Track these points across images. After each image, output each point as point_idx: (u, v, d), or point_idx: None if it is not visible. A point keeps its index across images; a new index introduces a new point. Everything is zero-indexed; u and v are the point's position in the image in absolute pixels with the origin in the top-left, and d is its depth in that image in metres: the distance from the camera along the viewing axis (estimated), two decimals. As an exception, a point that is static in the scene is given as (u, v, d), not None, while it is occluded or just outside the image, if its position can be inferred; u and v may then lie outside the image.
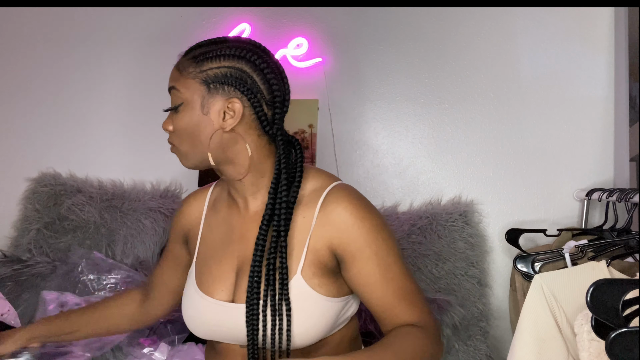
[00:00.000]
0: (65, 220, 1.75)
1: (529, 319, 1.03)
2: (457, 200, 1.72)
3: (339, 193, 0.95)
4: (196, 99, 0.91)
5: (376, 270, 0.91)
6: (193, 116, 0.92)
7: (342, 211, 0.92)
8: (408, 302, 0.92)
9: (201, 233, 1.05)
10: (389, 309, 0.92)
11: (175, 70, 0.95)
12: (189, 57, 0.93)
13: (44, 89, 1.94)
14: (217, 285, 0.96)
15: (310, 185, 0.97)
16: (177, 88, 0.93)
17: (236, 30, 1.82)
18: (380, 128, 1.81)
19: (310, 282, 0.91)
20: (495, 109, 1.75)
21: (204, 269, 1.00)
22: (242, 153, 0.94)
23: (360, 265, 0.91)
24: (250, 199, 0.98)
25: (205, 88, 0.91)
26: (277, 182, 0.92)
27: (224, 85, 0.91)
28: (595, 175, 1.68)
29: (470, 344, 1.56)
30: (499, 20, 1.75)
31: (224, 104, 0.91)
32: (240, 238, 0.98)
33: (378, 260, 0.91)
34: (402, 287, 0.92)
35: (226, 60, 0.91)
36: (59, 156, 1.90)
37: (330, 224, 0.92)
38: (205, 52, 0.92)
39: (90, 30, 1.93)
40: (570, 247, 1.26)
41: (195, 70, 0.91)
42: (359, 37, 1.81)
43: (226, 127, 0.92)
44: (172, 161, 1.87)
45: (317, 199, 0.94)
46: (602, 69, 1.69)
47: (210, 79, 0.91)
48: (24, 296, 1.56)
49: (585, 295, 0.72)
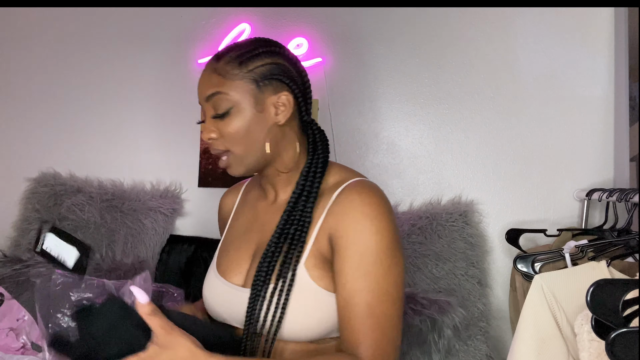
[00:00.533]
0: (65, 220, 1.75)
1: (529, 319, 1.03)
2: (457, 200, 1.72)
3: (354, 187, 0.93)
4: (248, 99, 0.92)
5: (354, 273, 0.86)
6: (247, 116, 0.93)
7: (348, 203, 0.90)
8: (368, 326, 0.85)
9: (230, 221, 1.09)
10: (349, 318, 0.86)
11: (216, 76, 0.94)
12: (228, 61, 0.93)
13: (44, 89, 1.94)
14: (233, 269, 0.99)
15: (333, 179, 0.98)
16: (224, 92, 0.92)
17: (236, 30, 1.82)
18: (380, 128, 1.81)
19: (311, 272, 0.91)
20: (495, 109, 1.75)
21: (225, 253, 1.03)
22: (290, 145, 0.97)
23: (341, 262, 0.88)
24: (281, 191, 1.01)
25: (255, 86, 0.93)
26: (308, 173, 0.96)
27: (272, 80, 0.93)
28: (595, 175, 1.68)
29: (470, 344, 1.56)
30: (499, 20, 1.75)
31: (275, 98, 0.94)
32: (261, 226, 1.01)
33: (359, 264, 0.86)
34: (371, 306, 0.85)
35: (268, 57, 0.94)
36: (59, 156, 1.91)
37: (334, 214, 0.91)
38: (244, 52, 0.93)
39: (90, 31, 1.93)
40: (570, 247, 1.26)
41: (241, 71, 0.92)
42: (359, 37, 1.81)
43: (280, 121, 0.94)
44: (172, 161, 1.89)
45: (333, 192, 0.95)
46: (602, 69, 1.69)
47: (259, 76, 0.93)
48: (24, 296, 1.56)
49: (585, 295, 0.72)
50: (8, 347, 1.31)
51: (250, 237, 1.01)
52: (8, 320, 1.32)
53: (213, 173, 1.85)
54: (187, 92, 1.87)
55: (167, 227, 1.80)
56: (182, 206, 1.85)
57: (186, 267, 1.75)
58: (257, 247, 0.99)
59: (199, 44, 1.86)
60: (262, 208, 1.04)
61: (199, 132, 1.86)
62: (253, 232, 1.01)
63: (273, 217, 0.99)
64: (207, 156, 1.85)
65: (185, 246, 1.77)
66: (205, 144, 1.79)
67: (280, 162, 0.98)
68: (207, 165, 1.85)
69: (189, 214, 1.87)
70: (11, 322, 1.32)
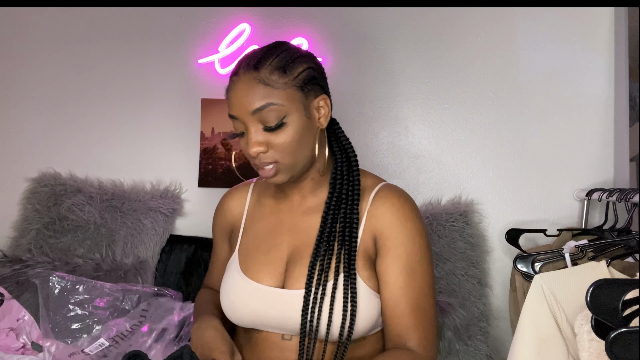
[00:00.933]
0: (65, 220, 1.75)
1: (529, 319, 1.03)
2: (457, 200, 1.72)
3: (390, 191, 1.00)
4: (298, 106, 0.91)
5: (401, 271, 0.92)
6: (299, 125, 0.91)
7: (390, 206, 0.96)
8: (417, 319, 0.91)
9: (244, 224, 1.07)
10: (397, 316, 0.92)
11: (262, 86, 0.89)
12: (272, 70, 0.90)
13: (44, 88, 1.94)
14: (265, 272, 0.98)
15: (362, 181, 1.01)
16: (277, 102, 0.89)
17: (236, 30, 1.82)
18: (380, 128, 1.81)
19: (361, 274, 0.93)
20: (495, 109, 1.75)
21: (249, 257, 1.01)
22: (324, 148, 0.99)
23: (389, 261, 0.93)
24: (310, 194, 1.01)
25: (302, 93, 0.92)
26: (342, 174, 0.97)
27: (313, 85, 0.93)
28: (595, 175, 1.68)
29: (470, 344, 1.56)
30: (499, 20, 1.75)
31: (316, 103, 0.94)
32: (291, 230, 1.00)
33: (406, 263, 0.93)
34: (419, 301, 0.92)
35: (305, 62, 0.94)
36: (59, 156, 1.90)
37: (377, 217, 0.96)
38: (284, 59, 0.91)
39: (90, 30, 1.93)
40: (570, 247, 1.26)
41: (288, 78, 0.90)
42: (359, 37, 1.81)
43: (323, 125, 0.96)
44: (172, 161, 1.89)
45: (367, 195, 0.98)
46: (602, 69, 1.69)
47: (302, 82, 0.92)
48: (24, 296, 1.56)
49: (585, 295, 0.72)
50: (8, 347, 1.31)
51: (280, 240, 1.00)
52: (8, 320, 1.32)
53: (213, 173, 1.85)
54: (187, 92, 1.87)
55: (167, 227, 1.80)
56: (182, 206, 1.85)
57: (186, 267, 1.75)
58: (292, 250, 0.98)
59: (199, 44, 1.86)
60: (286, 212, 1.02)
61: (199, 132, 1.86)
62: (283, 236, 1.00)
63: (304, 220, 0.99)
64: (207, 156, 1.85)
65: (185, 246, 1.77)
66: (206, 144, 1.78)
67: (316, 167, 0.98)
68: (207, 165, 1.85)
69: (189, 214, 1.87)
70: (11, 322, 1.32)
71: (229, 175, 1.84)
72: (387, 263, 0.93)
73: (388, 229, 0.94)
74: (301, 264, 0.95)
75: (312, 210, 1.00)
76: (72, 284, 1.41)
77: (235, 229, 1.09)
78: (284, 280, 0.96)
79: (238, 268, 1.00)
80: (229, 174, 1.83)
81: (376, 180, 1.04)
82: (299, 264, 0.95)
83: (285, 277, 0.96)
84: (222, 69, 1.83)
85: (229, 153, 1.83)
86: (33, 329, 1.35)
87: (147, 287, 1.54)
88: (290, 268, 0.96)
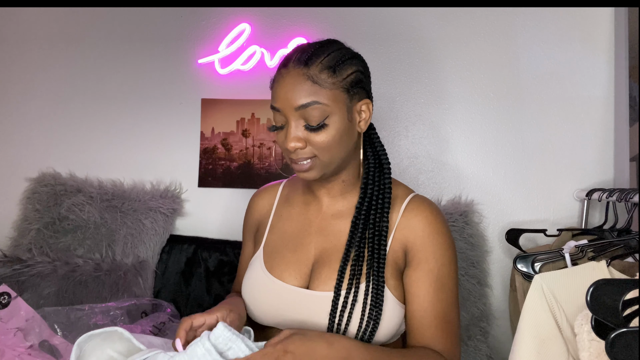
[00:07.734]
0: (65, 220, 1.75)
1: (529, 319, 1.03)
2: (457, 200, 1.72)
3: (421, 202, 0.99)
4: (341, 108, 0.90)
5: (432, 285, 0.92)
6: (340, 127, 0.90)
7: (423, 219, 0.95)
8: (444, 331, 0.92)
9: (271, 222, 1.06)
10: (424, 327, 0.92)
11: (310, 84, 0.88)
12: (321, 68, 0.89)
13: (44, 89, 1.94)
14: (290, 271, 0.97)
15: (393, 190, 1.00)
16: (322, 102, 0.88)
17: (236, 30, 1.82)
18: (380, 128, 1.81)
19: (388, 282, 0.93)
20: (495, 109, 1.75)
21: (275, 255, 1.00)
22: (357, 153, 0.98)
23: (420, 274, 0.93)
24: (339, 198, 1.01)
25: (347, 95, 0.91)
26: (374, 180, 0.96)
27: (359, 88, 0.92)
28: (595, 175, 1.68)
29: (470, 344, 1.56)
30: (499, 20, 1.75)
31: (359, 106, 0.93)
32: (319, 232, 1.00)
33: (437, 278, 0.93)
34: (445, 313, 0.93)
35: (354, 64, 0.93)
36: (59, 156, 1.91)
37: (409, 228, 0.95)
38: (335, 58, 0.90)
39: (90, 30, 1.93)
40: (570, 247, 1.26)
41: (336, 79, 0.89)
42: (359, 37, 1.81)
43: (363, 129, 0.94)
44: (172, 161, 1.89)
45: (399, 205, 0.98)
46: (602, 69, 1.69)
47: (350, 84, 0.91)
48: (25, 296, 1.56)
49: (585, 295, 0.72)
50: (16, 346, 1.31)
51: (308, 241, 1.00)
52: (16, 320, 1.31)
53: (213, 173, 1.85)
54: (187, 92, 1.87)
55: (167, 227, 1.80)
56: (182, 206, 1.85)
57: (186, 267, 1.75)
58: (320, 252, 0.98)
59: (199, 44, 1.86)
60: (314, 214, 1.02)
61: (199, 132, 1.86)
62: (311, 237, 1.00)
63: (333, 223, 0.99)
64: (207, 156, 1.85)
65: (185, 246, 1.77)
66: (206, 144, 1.77)
67: (348, 170, 0.98)
68: (207, 165, 1.85)
69: (189, 214, 1.87)
70: (19, 322, 1.31)
71: (229, 176, 1.84)
72: (418, 276, 0.93)
73: (420, 241, 0.94)
74: (329, 266, 0.95)
75: (342, 214, 0.99)
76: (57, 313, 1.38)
77: (261, 226, 1.08)
78: (310, 281, 0.96)
79: (262, 265, 1.00)
80: (229, 174, 1.83)
81: (407, 190, 1.02)
82: (327, 267, 0.95)
83: (311, 278, 0.96)
84: (222, 69, 1.83)
85: (229, 153, 1.83)
86: (42, 329, 1.34)
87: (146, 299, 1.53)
88: (317, 269, 0.96)
